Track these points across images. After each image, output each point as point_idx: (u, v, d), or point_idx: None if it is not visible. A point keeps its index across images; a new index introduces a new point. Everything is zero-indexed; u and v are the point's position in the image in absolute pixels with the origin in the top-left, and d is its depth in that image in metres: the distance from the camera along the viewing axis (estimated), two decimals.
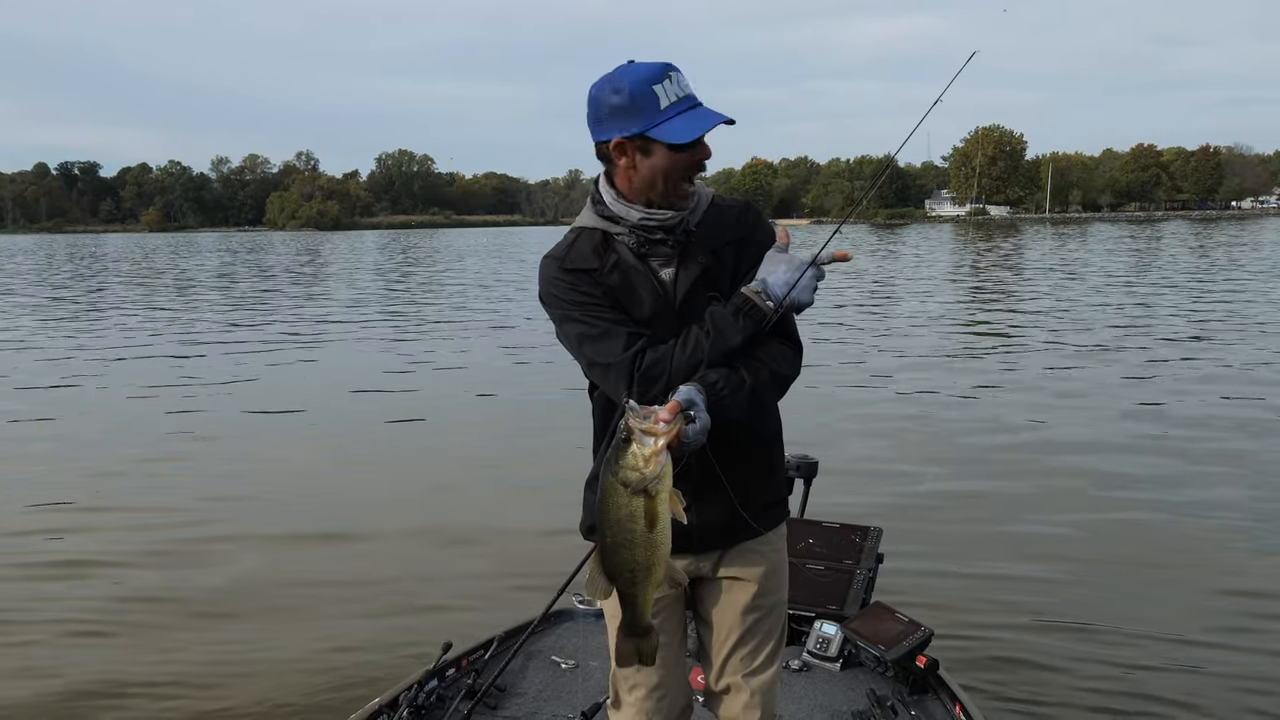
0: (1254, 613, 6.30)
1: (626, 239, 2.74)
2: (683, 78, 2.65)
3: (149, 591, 6.92)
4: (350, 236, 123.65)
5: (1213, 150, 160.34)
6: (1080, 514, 8.17)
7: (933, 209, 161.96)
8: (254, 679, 5.57)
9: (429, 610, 6.51)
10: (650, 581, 2.48)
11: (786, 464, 5.28)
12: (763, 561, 2.91)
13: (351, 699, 4.91)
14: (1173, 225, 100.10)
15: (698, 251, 2.75)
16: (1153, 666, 5.55)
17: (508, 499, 9.02)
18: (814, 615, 4.77)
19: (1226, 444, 10.42)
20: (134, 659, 5.88)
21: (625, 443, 2.34)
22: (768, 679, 2.94)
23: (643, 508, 2.37)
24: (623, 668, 2.84)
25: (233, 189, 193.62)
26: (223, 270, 50.80)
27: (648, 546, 2.41)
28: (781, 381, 2.72)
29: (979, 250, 56.91)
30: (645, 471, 2.33)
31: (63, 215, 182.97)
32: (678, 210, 2.71)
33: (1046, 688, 5.33)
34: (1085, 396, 13.17)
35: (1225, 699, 5.20)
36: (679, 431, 2.37)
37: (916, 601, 5.77)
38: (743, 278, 2.74)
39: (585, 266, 2.74)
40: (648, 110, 2.59)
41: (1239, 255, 45.27)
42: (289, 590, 6.93)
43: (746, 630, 2.92)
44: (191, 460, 10.59)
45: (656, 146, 2.62)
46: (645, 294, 2.73)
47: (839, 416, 11.95)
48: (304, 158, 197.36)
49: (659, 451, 2.32)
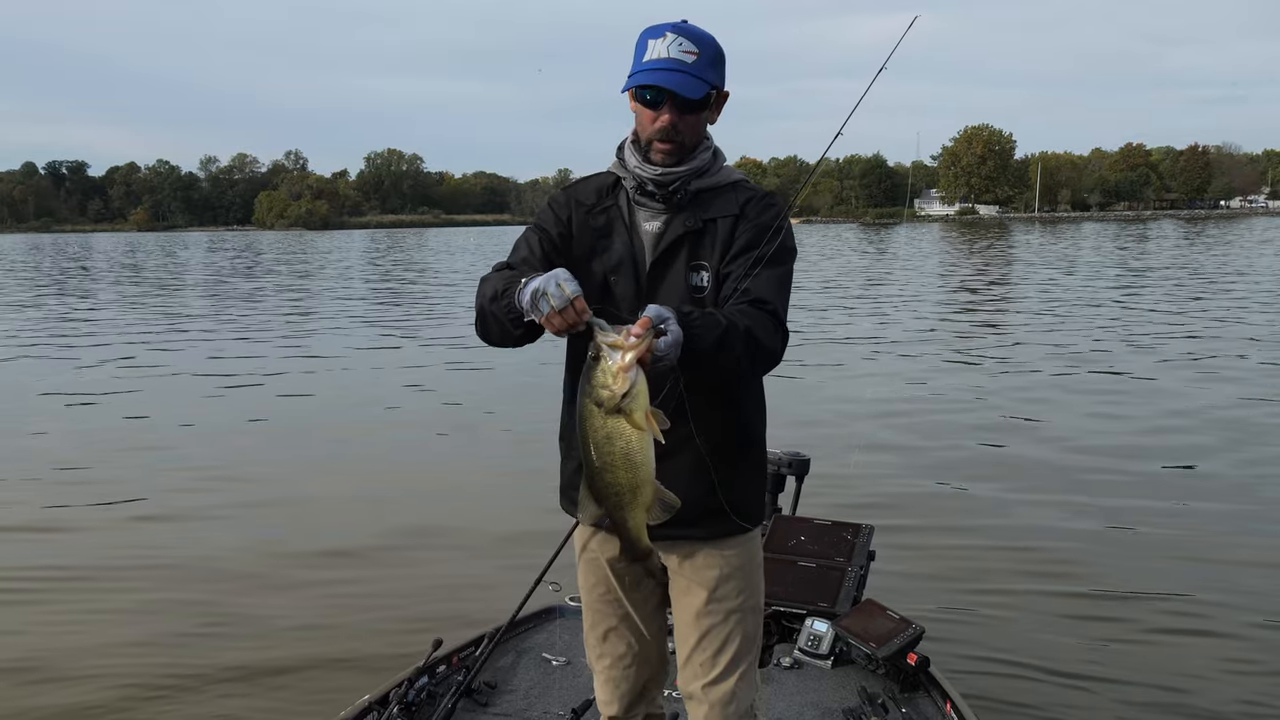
0: (1251, 610, 6.31)
1: (629, 184, 2.81)
2: (684, 42, 2.67)
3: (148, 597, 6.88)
4: (339, 236, 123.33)
5: (1201, 150, 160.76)
6: (1072, 512, 8.19)
7: (922, 208, 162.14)
8: (251, 677, 5.56)
9: (419, 606, 6.49)
10: (637, 503, 2.43)
11: (779, 461, 5.34)
12: (717, 566, 2.86)
13: (342, 695, 4.89)
14: (1162, 225, 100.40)
15: (689, 215, 2.77)
16: (1145, 666, 5.57)
17: (501, 495, 9.01)
18: (805, 612, 4.78)
19: (1224, 444, 10.46)
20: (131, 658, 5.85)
21: (594, 360, 2.31)
22: (727, 690, 2.89)
23: (620, 426, 2.33)
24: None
25: (221, 188, 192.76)
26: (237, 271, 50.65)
27: (628, 467, 2.37)
28: (755, 345, 2.55)
29: (970, 250, 56.98)
30: (614, 388, 2.29)
31: (50, 215, 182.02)
32: (657, 164, 2.74)
33: (1036, 685, 5.34)
34: (1080, 395, 13.22)
35: (1222, 698, 5.22)
36: (649, 345, 2.30)
37: (908, 599, 5.78)
38: (735, 257, 2.73)
39: (582, 199, 2.85)
40: (636, 63, 2.71)
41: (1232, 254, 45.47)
42: (282, 586, 6.93)
43: (702, 635, 2.89)
44: (192, 459, 10.57)
45: (635, 95, 2.74)
46: (619, 243, 2.79)
47: (831, 413, 11.96)
48: (293, 157, 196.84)
49: (627, 366, 2.27)
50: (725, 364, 2.53)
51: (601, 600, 3.00)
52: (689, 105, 2.68)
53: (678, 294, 2.73)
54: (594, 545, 2.95)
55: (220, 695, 5.40)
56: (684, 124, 2.71)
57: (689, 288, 2.74)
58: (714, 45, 2.73)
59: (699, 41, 2.68)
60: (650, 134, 2.72)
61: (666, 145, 2.72)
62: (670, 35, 2.67)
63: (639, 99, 2.73)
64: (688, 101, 2.67)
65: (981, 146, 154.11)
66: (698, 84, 2.66)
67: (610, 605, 2.99)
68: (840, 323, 21.50)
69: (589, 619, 3.06)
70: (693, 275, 2.75)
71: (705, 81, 2.68)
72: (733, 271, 2.71)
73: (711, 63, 2.71)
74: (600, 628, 3.03)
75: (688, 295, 2.73)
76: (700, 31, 2.71)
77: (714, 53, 2.72)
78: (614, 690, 3.05)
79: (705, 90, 2.68)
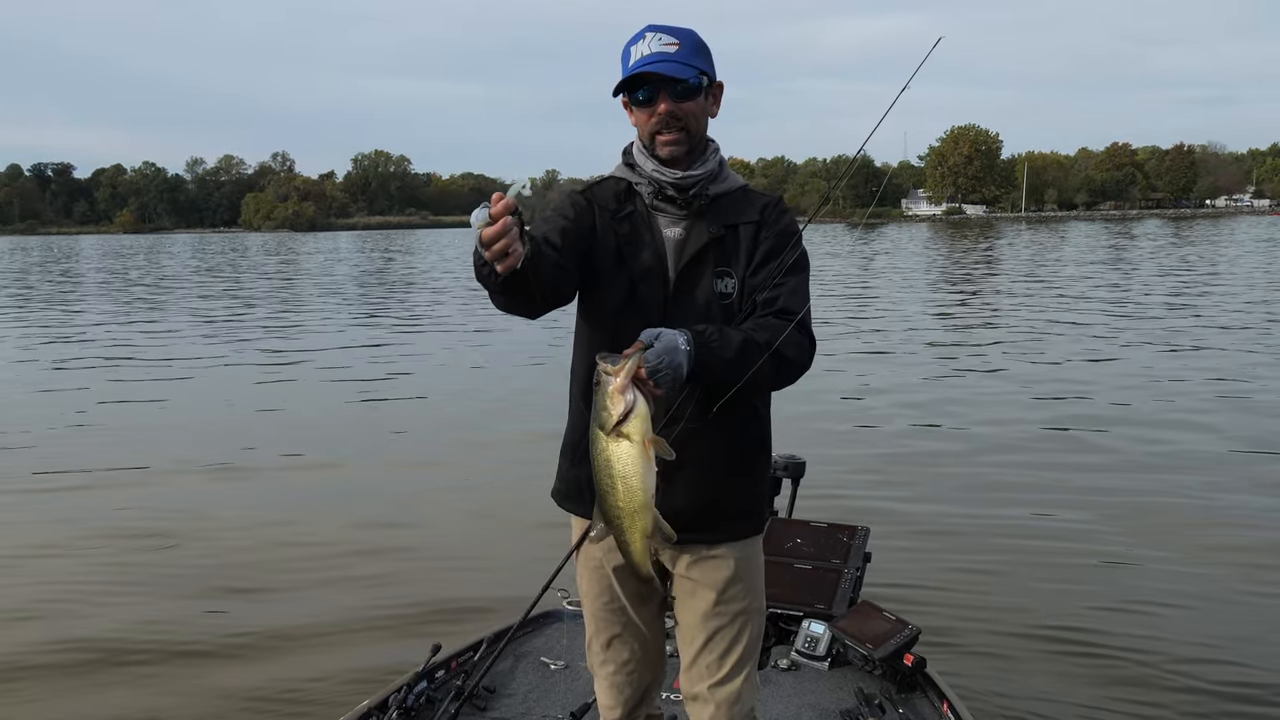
0: (1249, 609, 6.35)
1: (644, 189, 2.81)
2: (664, 37, 2.70)
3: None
4: (325, 238, 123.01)
5: (1187, 149, 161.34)
6: (1068, 513, 8.22)
7: (909, 208, 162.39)
8: (247, 681, 5.55)
9: (417, 611, 6.49)
10: (635, 529, 2.47)
11: (775, 464, 5.35)
12: (725, 569, 2.87)
13: (341, 700, 4.89)
14: (1148, 224, 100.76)
15: (711, 220, 2.79)
16: (1141, 664, 5.59)
17: (500, 499, 9.00)
18: (802, 614, 4.79)
19: (1220, 444, 10.50)
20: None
21: (596, 386, 2.37)
22: (734, 690, 2.90)
23: (619, 452, 2.37)
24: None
25: (208, 190, 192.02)
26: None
27: (626, 492, 2.41)
28: (779, 357, 2.62)
29: (961, 250, 57.11)
30: (612, 409, 2.34)
31: (36, 217, 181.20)
32: (675, 167, 2.76)
33: (1033, 686, 5.35)
34: (1075, 397, 13.26)
35: (1215, 695, 5.25)
36: (640, 361, 2.35)
37: (904, 600, 5.81)
38: (760, 265, 2.76)
39: (604, 204, 2.84)
40: (624, 70, 2.74)
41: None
42: (277, 585, 6.93)
43: (709, 637, 2.90)
44: (187, 463, 10.54)
45: (630, 101, 2.78)
46: (645, 249, 2.78)
47: (826, 416, 11.97)
48: (280, 158, 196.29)
49: (620, 388, 2.33)
50: (747, 377, 2.57)
51: (606, 609, 3.00)
52: (683, 91, 2.70)
53: (704, 300, 2.75)
54: (598, 554, 2.95)
55: (216, 698, 5.38)
56: (682, 111, 2.72)
57: (715, 294, 2.76)
58: (694, 36, 2.76)
59: (678, 34, 2.72)
60: (651, 129, 2.74)
61: (670, 134, 2.73)
62: (649, 35, 2.71)
63: (633, 102, 2.76)
64: (681, 87, 2.69)
65: (968, 146, 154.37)
66: (684, 67, 2.69)
67: (614, 614, 3.00)
68: (837, 323, 21.50)
69: (592, 626, 3.07)
70: (718, 282, 2.76)
71: (692, 66, 2.70)
72: (759, 281, 2.73)
73: (695, 50, 2.73)
74: (604, 635, 3.03)
75: (714, 301, 2.75)
76: (678, 27, 2.74)
77: (695, 42, 2.75)
78: (617, 695, 3.07)
79: (694, 72, 2.70)
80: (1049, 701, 5.18)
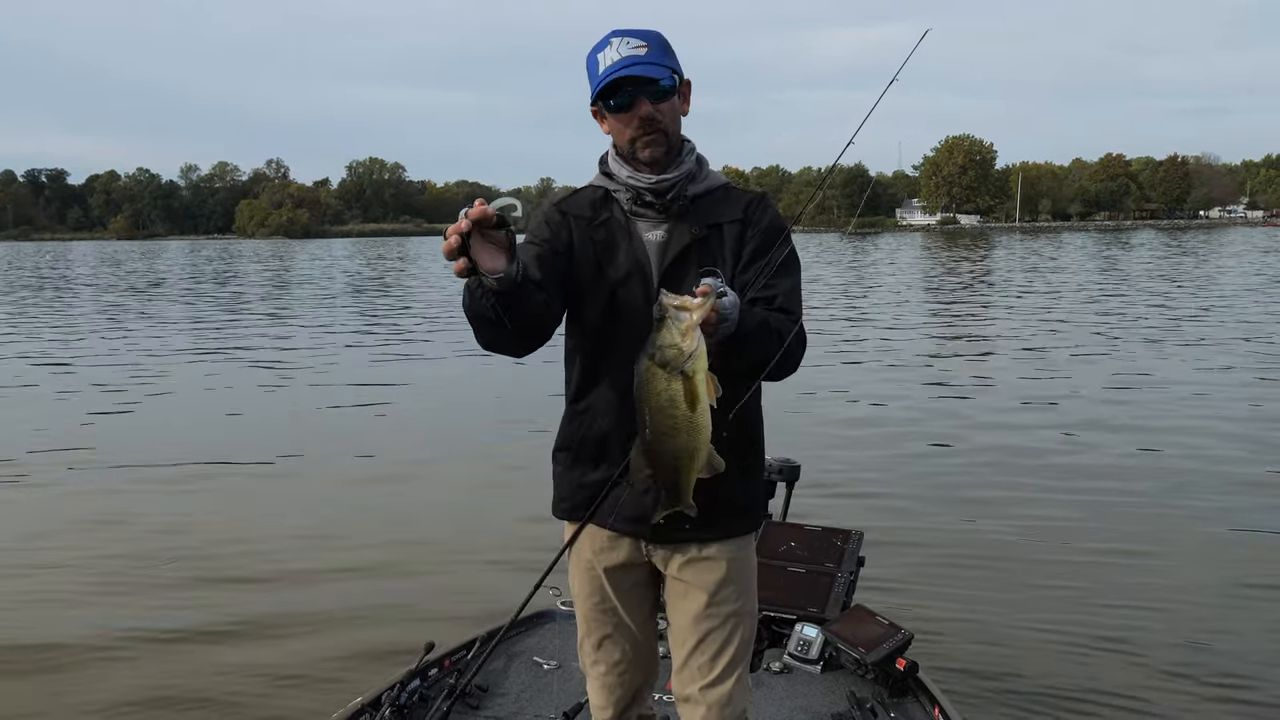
0: (1240, 608, 6.37)
1: (622, 196, 2.81)
2: (631, 40, 2.70)
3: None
4: (319, 245, 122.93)
5: (1180, 160, 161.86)
6: (1062, 520, 8.22)
7: (904, 218, 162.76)
8: (243, 680, 5.55)
9: (411, 609, 6.50)
10: (694, 466, 2.46)
11: (769, 467, 5.36)
12: (717, 571, 2.87)
13: (335, 697, 4.89)
14: (1143, 234, 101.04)
15: (693, 221, 2.79)
16: (1134, 669, 5.60)
17: (492, 500, 9.00)
18: (795, 618, 4.79)
19: (1218, 446, 10.54)
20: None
21: (660, 322, 2.33)
22: (725, 692, 2.90)
23: (683, 390, 2.35)
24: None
25: (202, 196, 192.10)
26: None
27: (690, 430, 2.39)
28: (784, 349, 2.63)
29: (955, 260, 57.23)
30: (683, 346, 2.30)
31: (29, 223, 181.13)
32: (653, 171, 2.76)
33: (1025, 690, 5.36)
34: (1067, 402, 13.29)
35: (1211, 695, 5.27)
36: (714, 305, 2.35)
37: (897, 605, 5.82)
38: (748, 263, 2.77)
39: (579, 214, 2.83)
40: (592, 78, 2.73)
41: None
42: (270, 584, 6.94)
43: (701, 639, 2.90)
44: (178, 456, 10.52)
45: (603, 109, 2.76)
46: (623, 255, 2.78)
47: (821, 420, 11.99)
48: (274, 165, 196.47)
49: (694, 324, 2.30)
50: (757, 358, 2.59)
51: (597, 609, 3.00)
52: (660, 92, 2.71)
53: None
54: (590, 554, 2.95)
55: (212, 697, 5.38)
56: (659, 112, 2.72)
57: None
58: (659, 36, 2.76)
59: (644, 36, 2.72)
60: (632, 133, 2.73)
61: (651, 135, 2.72)
62: (615, 40, 2.71)
63: (609, 109, 2.74)
64: (658, 88, 2.70)
65: (963, 156, 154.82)
66: (658, 68, 2.69)
67: (606, 614, 3.00)
68: (832, 329, 21.51)
69: (584, 627, 3.07)
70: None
71: (664, 66, 2.71)
72: (749, 279, 2.74)
73: (664, 50, 2.74)
74: (595, 635, 3.03)
75: None
76: (642, 29, 2.74)
77: (661, 42, 2.75)
78: (609, 695, 3.07)
79: (666, 72, 2.71)
80: (1041, 706, 5.18)
